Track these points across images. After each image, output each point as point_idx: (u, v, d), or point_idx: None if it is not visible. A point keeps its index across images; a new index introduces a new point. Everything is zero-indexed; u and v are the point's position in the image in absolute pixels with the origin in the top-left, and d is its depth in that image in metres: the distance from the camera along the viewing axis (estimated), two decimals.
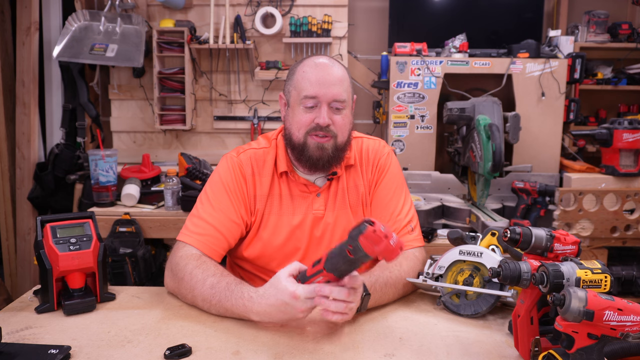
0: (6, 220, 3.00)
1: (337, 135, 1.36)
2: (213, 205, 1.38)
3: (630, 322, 0.83)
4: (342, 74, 1.36)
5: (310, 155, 1.36)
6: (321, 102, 1.33)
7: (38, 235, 1.24)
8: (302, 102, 1.34)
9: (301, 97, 1.34)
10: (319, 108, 1.34)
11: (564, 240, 1.06)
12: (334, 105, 1.34)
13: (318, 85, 1.32)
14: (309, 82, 1.33)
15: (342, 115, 1.36)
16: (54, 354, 0.99)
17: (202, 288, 1.21)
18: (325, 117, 1.33)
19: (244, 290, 1.16)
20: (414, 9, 3.16)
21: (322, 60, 1.37)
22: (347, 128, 1.39)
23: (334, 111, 1.35)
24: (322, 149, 1.35)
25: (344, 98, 1.35)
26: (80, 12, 2.93)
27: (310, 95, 1.33)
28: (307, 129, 1.35)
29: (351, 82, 1.42)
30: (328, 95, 1.33)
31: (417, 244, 1.42)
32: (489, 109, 2.45)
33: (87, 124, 3.04)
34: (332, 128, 1.35)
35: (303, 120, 1.35)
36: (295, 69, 1.39)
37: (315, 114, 1.34)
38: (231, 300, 1.15)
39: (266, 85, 3.15)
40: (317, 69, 1.35)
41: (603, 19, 3.13)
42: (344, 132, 1.38)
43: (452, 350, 1.06)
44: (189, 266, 1.26)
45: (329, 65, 1.36)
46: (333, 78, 1.34)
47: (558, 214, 2.26)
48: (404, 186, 1.49)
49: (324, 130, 1.34)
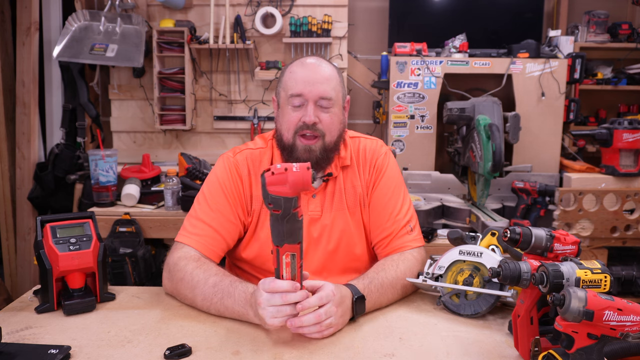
0: (6, 220, 3.00)
1: (325, 135, 1.35)
2: (211, 206, 1.38)
3: (630, 322, 0.83)
4: (329, 72, 1.36)
5: (298, 157, 1.36)
6: (307, 100, 1.33)
7: (38, 235, 1.24)
8: (289, 101, 1.35)
9: (288, 96, 1.34)
10: (306, 106, 1.34)
11: (564, 240, 1.06)
12: (321, 103, 1.34)
13: (303, 83, 1.32)
14: (295, 81, 1.34)
15: (330, 113, 1.35)
16: (54, 354, 0.99)
17: (203, 287, 1.20)
18: (311, 114, 1.32)
19: (249, 286, 1.16)
20: (414, 9, 3.16)
21: (309, 60, 1.37)
22: (337, 127, 1.38)
23: (321, 109, 1.34)
24: (309, 151, 1.35)
25: (331, 96, 1.34)
26: (80, 12, 2.93)
27: (296, 93, 1.33)
28: (295, 128, 1.34)
29: (342, 82, 1.41)
30: (314, 93, 1.32)
31: (416, 244, 1.41)
32: (489, 109, 2.45)
33: (87, 124, 3.04)
34: (320, 127, 1.34)
35: (291, 119, 1.35)
36: (285, 70, 1.40)
37: (302, 112, 1.34)
38: (234, 296, 1.15)
39: (266, 85, 3.15)
40: (303, 68, 1.35)
41: (603, 19, 3.13)
42: (333, 131, 1.37)
43: (452, 350, 1.06)
44: (189, 266, 1.26)
45: (316, 64, 1.36)
46: (319, 76, 1.34)
47: (558, 214, 2.26)
48: (402, 186, 1.49)
49: (311, 128, 1.33)
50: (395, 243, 1.40)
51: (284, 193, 0.97)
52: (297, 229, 1.02)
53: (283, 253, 1.03)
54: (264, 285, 1.06)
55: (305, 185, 0.98)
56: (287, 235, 1.01)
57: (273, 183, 0.97)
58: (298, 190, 0.98)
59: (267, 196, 0.99)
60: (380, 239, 1.43)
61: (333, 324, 1.09)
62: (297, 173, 0.97)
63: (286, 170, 0.97)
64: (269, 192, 0.98)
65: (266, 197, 0.99)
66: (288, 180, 0.97)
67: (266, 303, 1.05)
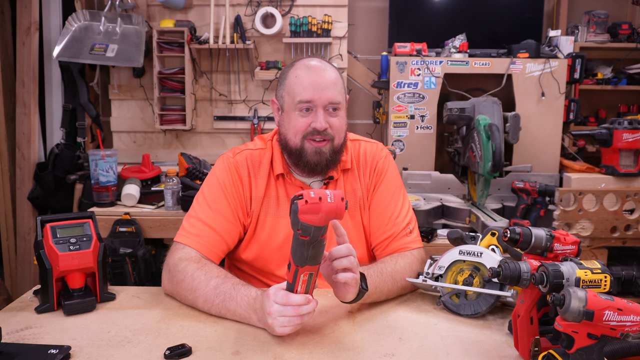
0: (6, 220, 3.00)
1: (334, 138, 1.35)
2: (211, 207, 1.37)
3: (630, 322, 0.83)
4: (335, 76, 1.36)
5: (308, 160, 1.35)
6: (317, 106, 1.32)
7: (38, 235, 1.24)
8: (297, 107, 1.33)
9: (296, 102, 1.33)
10: (315, 112, 1.33)
11: (564, 240, 1.06)
12: (329, 107, 1.33)
13: (312, 89, 1.31)
14: (303, 87, 1.32)
15: (339, 117, 1.36)
16: (54, 354, 0.99)
17: (205, 289, 1.20)
18: (322, 121, 1.32)
19: (252, 289, 1.16)
20: (414, 9, 3.16)
21: (314, 63, 1.35)
22: (343, 129, 1.39)
23: (330, 113, 1.34)
24: (319, 154, 1.35)
25: (339, 100, 1.34)
26: (80, 12, 2.93)
27: (305, 100, 1.32)
28: (304, 133, 1.34)
29: (343, 83, 1.41)
30: (323, 99, 1.32)
31: (415, 245, 1.42)
32: (489, 109, 2.45)
33: (87, 124, 3.04)
34: (330, 131, 1.34)
35: (299, 125, 1.34)
36: (287, 73, 1.38)
37: (312, 118, 1.33)
38: (236, 300, 1.15)
39: (266, 85, 3.15)
40: (309, 73, 1.33)
41: (603, 19, 3.13)
42: (341, 134, 1.38)
43: (452, 350, 1.06)
44: (189, 268, 1.25)
45: (322, 68, 1.35)
46: (327, 81, 1.33)
47: (558, 214, 2.25)
48: (401, 189, 1.49)
49: (322, 134, 1.33)
50: (395, 245, 1.41)
51: (315, 222, 0.96)
52: (321, 252, 1.02)
53: (302, 272, 1.03)
54: (277, 298, 1.05)
55: (338, 215, 0.97)
56: (310, 259, 1.01)
57: (306, 212, 0.96)
58: (330, 219, 0.97)
59: (297, 223, 0.97)
60: (380, 241, 1.44)
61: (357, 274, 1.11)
62: (331, 204, 0.96)
63: (320, 199, 0.95)
64: (300, 219, 0.96)
65: (296, 224, 0.97)
66: (322, 210, 0.95)
67: (277, 314, 1.04)
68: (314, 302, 1.06)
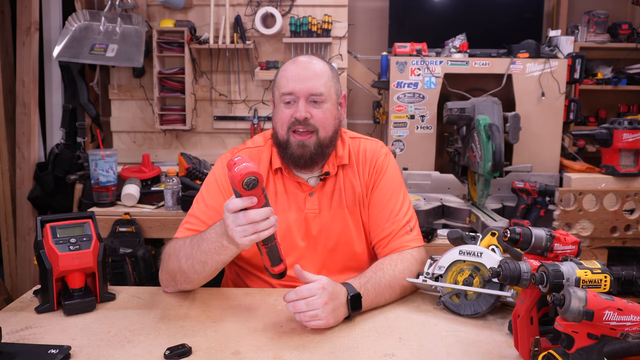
0: (6, 220, 3.00)
1: (318, 130, 1.37)
2: (207, 204, 1.40)
3: (630, 322, 0.83)
4: (320, 68, 1.38)
5: (292, 153, 1.38)
6: (298, 97, 1.36)
7: (38, 235, 1.24)
8: (281, 99, 1.38)
9: (280, 94, 1.38)
10: (297, 103, 1.36)
11: (564, 240, 1.06)
12: (312, 99, 1.36)
13: (294, 80, 1.35)
14: (286, 79, 1.37)
15: (323, 109, 1.37)
16: (54, 354, 0.99)
17: (183, 249, 1.25)
18: (302, 110, 1.35)
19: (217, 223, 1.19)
20: (414, 9, 3.16)
21: (301, 58, 1.40)
22: (330, 123, 1.40)
23: (312, 105, 1.37)
24: (303, 147, 1.37)
25: (321, 91, 1.36)
26: (80, 12, 2.93)
27: (287, 91, 1.36)
28: (288, 124, 1.37)
29: (335, 78, 1.43)
30: (304, 90, 1.35)
31: (416, 244, 1.42)
32: (489, 109, 2.45)
33: (87, 124, 3.03)
34: (312, 122, 1.36)
35: (284, 117, 1.38)
36: (279, 70, 1.43)
37: (294, 109, 1.36)
38: (207, 238, 1.19)
39: (266, 85, 3.15)
40: (294, 65, 1.38)
41: (603, 19, 3.13)
42: (326, 127, 1.39)
43: (452, 350, 1.06)
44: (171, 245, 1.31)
45: (307, 62, 1.39)
46: (309, 72, 1.36)
47: (558, 214, 2.26)
48: (402, 187, 1.49)
49: (303, 124, 1.36)
50: (395, 243, 1.41)
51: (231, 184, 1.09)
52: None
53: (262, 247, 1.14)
54: (227, 206, 1.09)
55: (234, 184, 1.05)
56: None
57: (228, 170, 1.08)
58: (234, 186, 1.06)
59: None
60: (379, 239, 1.43)
61: (320, 316, 1.10)
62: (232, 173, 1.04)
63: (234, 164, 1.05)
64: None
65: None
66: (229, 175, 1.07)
67: (233, 224, 1.08)
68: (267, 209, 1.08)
